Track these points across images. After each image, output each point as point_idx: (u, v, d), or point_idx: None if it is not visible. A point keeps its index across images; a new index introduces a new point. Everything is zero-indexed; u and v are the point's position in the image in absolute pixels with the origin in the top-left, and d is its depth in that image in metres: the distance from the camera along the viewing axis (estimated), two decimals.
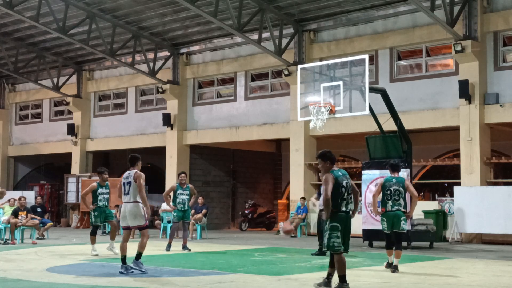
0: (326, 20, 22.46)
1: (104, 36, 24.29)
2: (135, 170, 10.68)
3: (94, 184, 14.48)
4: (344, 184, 8.52)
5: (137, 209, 10.56)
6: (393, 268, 10.89)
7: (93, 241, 14.25)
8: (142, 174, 10.66)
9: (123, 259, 10.61)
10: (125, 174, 10.79)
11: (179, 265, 12.03)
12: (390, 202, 11.13)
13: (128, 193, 10.61)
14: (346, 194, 8.55)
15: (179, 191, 15.72)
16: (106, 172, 14.77)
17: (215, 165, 27.57)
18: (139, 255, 10.68)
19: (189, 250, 15.47)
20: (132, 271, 10.53)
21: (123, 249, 10.64)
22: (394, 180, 11.29)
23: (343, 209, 8.54)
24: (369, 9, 21.37)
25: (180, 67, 26.23)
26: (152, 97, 27.93)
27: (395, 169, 11.54)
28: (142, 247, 10.70)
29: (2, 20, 25.46)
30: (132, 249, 10.98)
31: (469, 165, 19.09)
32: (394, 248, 11.08)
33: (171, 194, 15.91)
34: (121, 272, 10.52)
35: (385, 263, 11.46)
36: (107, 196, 14.48)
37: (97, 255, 13.81)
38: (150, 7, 22.95)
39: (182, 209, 15.69)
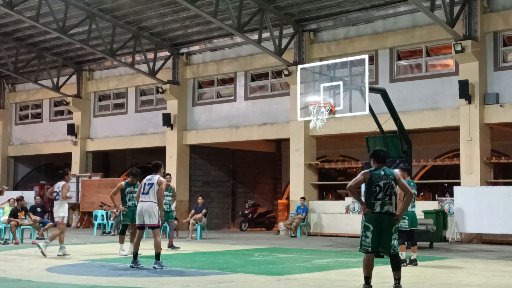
0: (326, 20, 22.45)
1: (104, 36, 24.29)
2: (158, 176, 11.66)
3: (122, 183, 14.40)
4: (380, 184, 8.19)
5: (153, 209, 11.46)
6: (415, 262, 12.08)
7: (121, 241, 14.28)
8: (165, 181, 11.81)
9: (135, 254, 11.51)
10: (148, 176, 11.71)
11: (179, 265, 12.03)
12: None
13: (147, 193, 11.51)
14: (381, 194, 8.17)
15: (165, 193, 15.77)
16: (140, 176, 14.39)
17: (215, 165, 27.56)
18: (158, 255, 11.34)
19: (178, 247, 15.66)
20: (141, 266, 11.36)
21: (136, 246, 11.58)
22: (411, 184, 12.16)
23: (377, 210, 8.16)
24: (369, 9, 21.37)
25: (180, 67, 26.23)
26: (152, 97, 27.93)
27: (409, 173, 12.82)
28: (158, 246, 11.37)
29: (2, 20, 25.45)
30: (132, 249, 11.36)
31: (469, 165, 19.09)
32: (411, 244, 12.32)
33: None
34: (131, 267, 11.36)
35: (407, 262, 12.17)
36: (135, 195, 14.24)
37: (126, 255, 13.75)
38: (150, 7, 22.95)
39: (168, 210, 16.11)
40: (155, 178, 11.56)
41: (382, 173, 8.29)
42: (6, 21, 25.55)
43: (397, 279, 8.29)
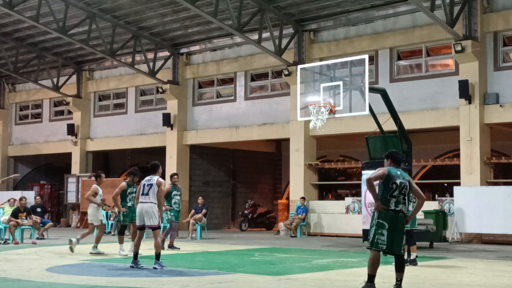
0: (326, 20, 22.46)
1: (104, 36, 24.29)
2: (157, 176, 11.57)
3: (124, 183, 14.34)
4: (397, 182, 8.26)
5: (153, 210, 11.41)
6: (415, 262, 12.25)
7: (121, 241, 14.32)
8: (164, 181, 11.66)
9: (135, 255, 11.54)
10: (147, 177, 11.64)
11: (179, 265, 12.03)
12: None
13: (147, 194, 11.46)
14: (397, 192, 8.23)
15: (174, 192, 15.98)
16: (139, 175, 14.44)
17: (215, 165, 27.56)
18: (158, 255, 11.32)
19: (178, 248, 15.66)
20: (141, 266, 11.37)
21: (137, 246, 11.60)
22: None
23: (392, 207, 8.19)
24: (369, 9, 21.37)
25: (180, 67, 26.23)
26: (152, 97, 27.93)
27: (409, 173, 12.92)
28: (158, 247, 11.36)
29: (2, 20, 25.45)
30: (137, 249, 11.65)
31: (469, 165, 19.09)
32: (410, 244, 12.37)
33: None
34: (131, 267, 11.38)
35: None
36: (135, 195, 14.27)
37: (126, 255, 13.75)
38: (150, 7, 22.95)
39: (178, 209, 16.18)
40: (154, 179, 11.50)
41: (398, 172, 8.43)
42: (6, 21, 25.54)
43: (399, 280, 8.30)
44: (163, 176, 14.83)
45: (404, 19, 20.99)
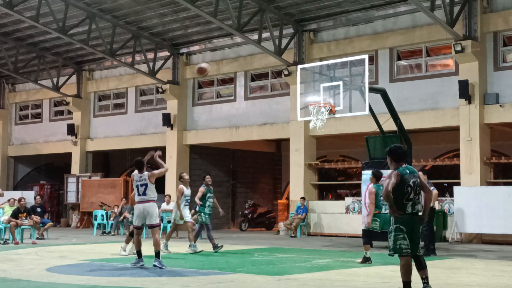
0: (326, 20, 22.46)
1: (104, 36, 24.29)
2: (145, 173, 11.50)
3: None
4: (411, 183, 7.77)
5: (154, 208, 11.44)
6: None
7: (127, 241, 14.15)
8: (154, 171, 11.66)
9: (139, 253, 11.53)
10: (136, 177, 11.57)
11: (179, 265, 12.03)
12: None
13: (144, 194, 11.43)
14: (413, 194, 7.78)
15: (209, 194, 15.46)
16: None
17: (215, 165, 27.55)
18: (158, 253, 11.34)
19: (222, 246, 15.38)
20: (142, 264, 11.37)
21: (138, 244, 11.58)
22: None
23: (409, 210, 7.76)
24: (369, 9, 21.37)
25: (180, 67, 26.23)
26: (152, 97, 27.93)
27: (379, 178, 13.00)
28: (157, 244, 11.38)
29: (2, 20, 25.45)
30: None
31: (469, 165, 19.09)
32: None
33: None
34: (133, 264, 11.45)
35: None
36: None
37: (126, 255, 13.72)
38: (150, 7, 22.95)
39: (210, 212, 15.53)
40: (145, 177, 11.45)
41: (408, 171, 7.91)
42: (6, 21, 25.54)
43: (425, 277, 7.92)
44: (163, 176, 14.78)
45: (404, 19, 20.99)
